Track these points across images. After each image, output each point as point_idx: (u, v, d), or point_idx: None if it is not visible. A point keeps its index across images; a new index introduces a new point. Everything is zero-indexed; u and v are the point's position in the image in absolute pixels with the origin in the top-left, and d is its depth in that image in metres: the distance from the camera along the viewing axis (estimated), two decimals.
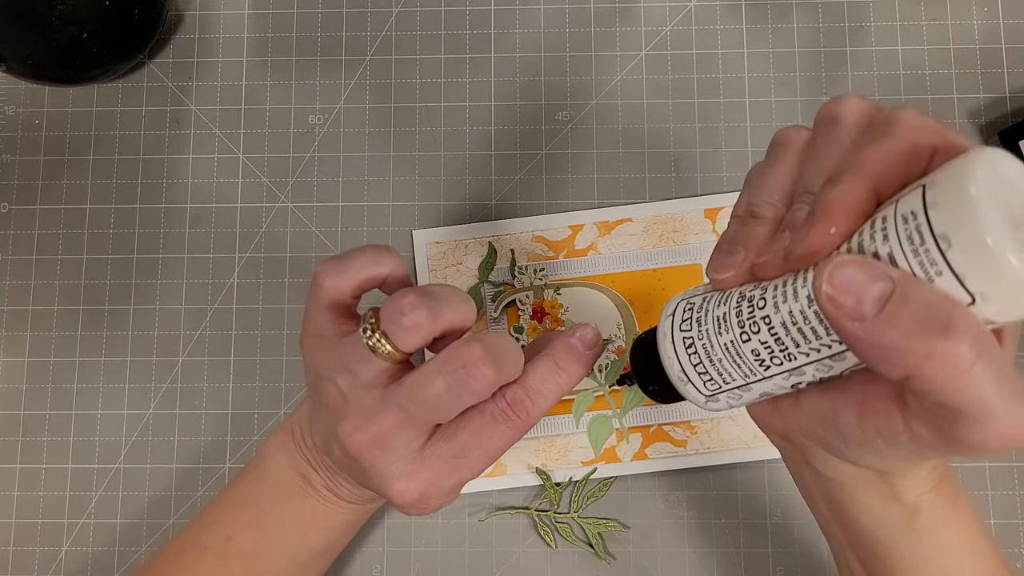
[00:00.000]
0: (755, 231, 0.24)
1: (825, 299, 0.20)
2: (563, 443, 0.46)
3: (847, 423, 0.23)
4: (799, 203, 0.24)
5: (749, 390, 0.25)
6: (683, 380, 0.26)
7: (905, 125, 0.22)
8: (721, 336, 0.25)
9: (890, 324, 0.19)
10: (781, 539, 0.45)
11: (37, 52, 0.43)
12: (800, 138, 0.25)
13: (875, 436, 0.22)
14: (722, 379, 0.25)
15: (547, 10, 0.49)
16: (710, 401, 0.27)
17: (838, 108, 0.24)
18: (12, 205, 0.49)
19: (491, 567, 0.45)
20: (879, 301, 0.19)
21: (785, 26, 0.49)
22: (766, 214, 0.25)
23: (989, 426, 0.19)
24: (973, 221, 0.18)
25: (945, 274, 0.19)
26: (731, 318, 0.24)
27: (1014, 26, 0.48)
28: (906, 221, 0.20)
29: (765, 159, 0.26)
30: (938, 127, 0.21)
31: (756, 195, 0.25)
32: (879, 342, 0.19)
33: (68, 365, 0.47)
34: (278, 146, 0.49)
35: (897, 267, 0.20)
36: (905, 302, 0.19)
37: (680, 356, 0.26)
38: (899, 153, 0.21)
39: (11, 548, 0.46)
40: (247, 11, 0.50)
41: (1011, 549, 0.44)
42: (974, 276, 0.19)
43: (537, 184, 0.48)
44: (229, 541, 0.35)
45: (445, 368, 0.29)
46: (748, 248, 0.24)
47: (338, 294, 0.32)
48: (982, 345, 0.18)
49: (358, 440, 0.30)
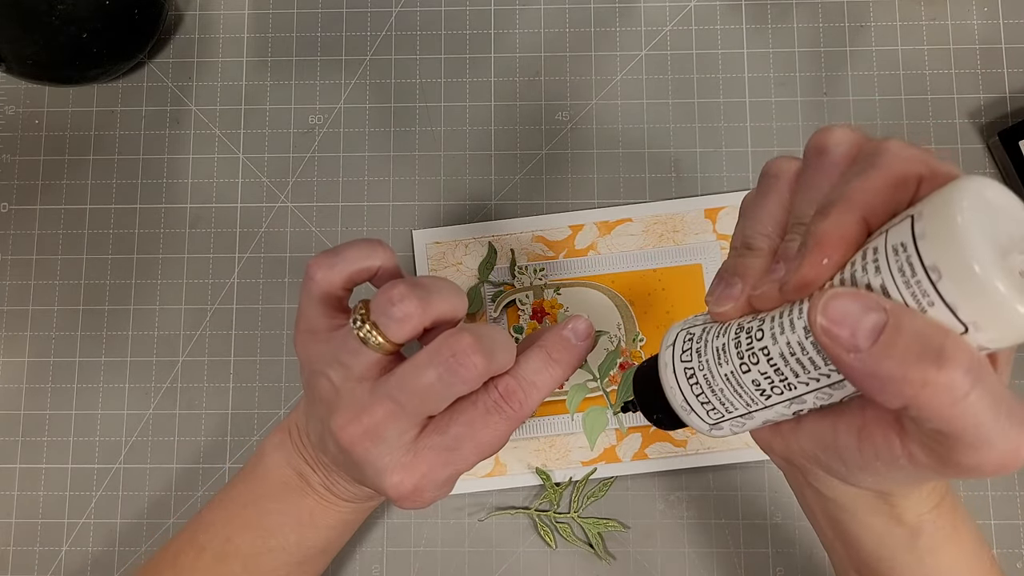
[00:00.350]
0: (751, 263, 0.25)
1: (820, 331, 0.20)
2: (563, 443, 0.45)
3: (847, 447, 0.23)
4: (792, 234, 0.24)
5: (752, 418, 0.25)
6: (686, 409, 0.27)
7: (891, 156, 0.22)
8: (721, 367, 0.25)
9: (885, 355, 0.19)
10: (781, 539, 0.45)
11: (37, 52, 0.43)
12: (790, 169, 0.26)
13: (874, 459, 0.22)
14: (724, 408, 0.26)
15: (547, 10, 0.49)
16: (713, 429, 0.27)
17: (827, 139, 0.24)
18: (12, 205, 0.49)
19: (491, 567, 0.45)
20: (873, 332, 0.19)
21: (785, 26, 0.49)
22: (761, 245, 0.25)
23: (985, 451, 0.19)
24: (961, 251, 0.18)
25: (937, 304, 0.19)
26: (730, 349, 0.24)
27: (1014, 26, 0.48)
28: (896, 253, 0.20)
29: (756, 190, 0.26)
30: (924, 156, 0.22)
31: (750, 227, 0.26)
32: (875, 372, 0.19)
33: (68, 365, 0.47)
34: (278, 146, 0.49)
35: (890, 298, 0.20)
36: (899, 333, 0.19)
37: (682, 386, 0.26)
38: (886, 184, 0.21)
39: (11, 548, 0.46)
40: (247, 11, 0.50)
41: (1011, 549, 0.44)
42: (965, 306, 0.19)
43: (537, 184, 0.48)
44: (228, 541, 0.35)
45: (435, 358, 0.29)
46: (745, 280, 0.25)
47: (329, 286, 0.32)
48: (976, 373, 0.18)
49: (351, 432, 0.30)
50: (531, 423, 0.46)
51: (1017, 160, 0.45)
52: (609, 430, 0.45)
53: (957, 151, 0.47)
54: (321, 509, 0.36)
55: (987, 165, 0.47)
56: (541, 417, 0.46)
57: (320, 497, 0.35)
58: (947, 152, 0.47)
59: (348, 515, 0.37)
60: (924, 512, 0.28)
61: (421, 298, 0.29)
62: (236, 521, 0.36)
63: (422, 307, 0.29)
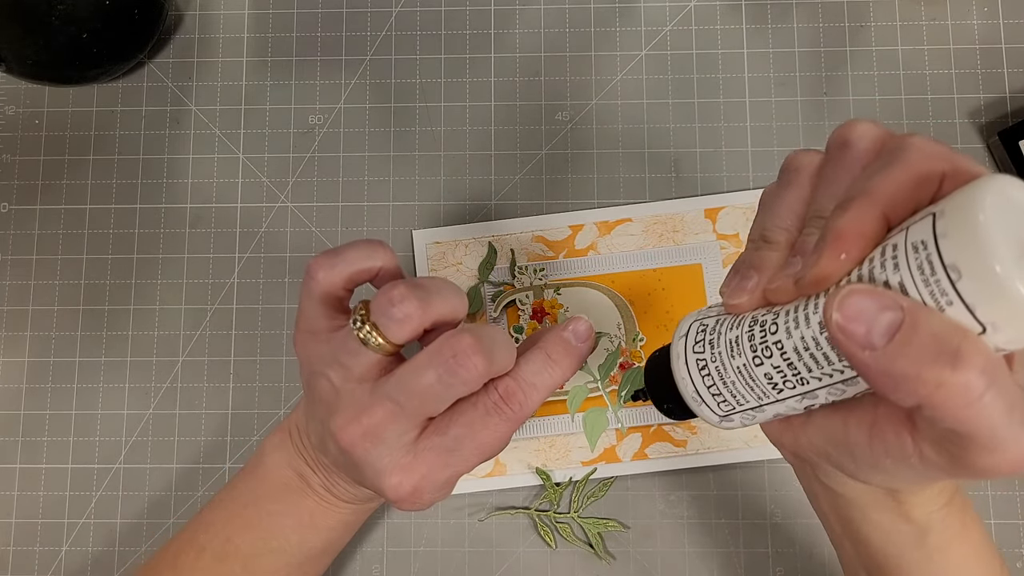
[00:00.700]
0: (768, 256, 0.25)
1: (835, 328, 0.20)
2: (563, 443, 0.45)
3: (857, 443, 0.23)
4: (810, 227, 0.24)
5: (762, 411, 0.25)
6: (697, 401, 0.27)
7: (915, 152, 0.22)
8: (734, 359, 0.25)
9: (900, 353, 0.19)
10: (781, 539, 0.45)
11: (37, 52, 0.43)
12: (812, 162, 0.25)
13: (885, 457, 0.22)
14: (736, 400, 0.25)
15: (547, 10, 0.49)
16: (724, 421, 0.27)
17: (850, 133, 0.24)
18: (12, 205, 0.49)
19: (491, 567, 0.45)
20: (889, 330, 0.19)
21: (785, 26, 0.49)
22: (779, 239, 0.25)
23: (998, 453, 0.19)
24: (982, 251, 0.18)
25: (956, 304, 0.19)
26: (743, 342, 0.24)
27: (1014, 26, 0.48)
28: (916, 250, 0.20)
29: (777, 183, 0.26)
30: (948, 153, 0.21)
31: (769, 220, 0.25)
32: (889, 371, 0.19)
33: (68, 365, 0.47)
34: (278, 146, 0.49)
35: (908, 296, 0.20)
36: (915, 331, 0.19)
37: (694, 377, 0.26)
38: (909, 180, 0.21)
39: (11, 548, 0.46)
40: (247, 11, 0.50)
41: (1011, 549, 0.44)
42: (984, 306, 0.19)
43: (537, 184, 0.48)
44: (228, 542, 0.35)
45: (435, 359, 0.29)
46: (761, 273, 0.24)
47: (330, 286, 0.32)
48: (991, 375, 0.18)
49: (350, 433, 0.30)
50: (531, 423, 0.46)
51: (1017, 160, 0.45)
52: (609, 430, 0.45)
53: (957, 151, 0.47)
54: (321, 510, 0.36)
55: (987, 165, 0.47)
56: (541, 417, 0.46)
57: (320, 498, 0.35)
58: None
59: (348, 516, 0.37)
60: (933, 510, 0.28)
61: (421, 299, 0.29)
62: (236, 521, 0.36)
63: (422, 308, 0.29)
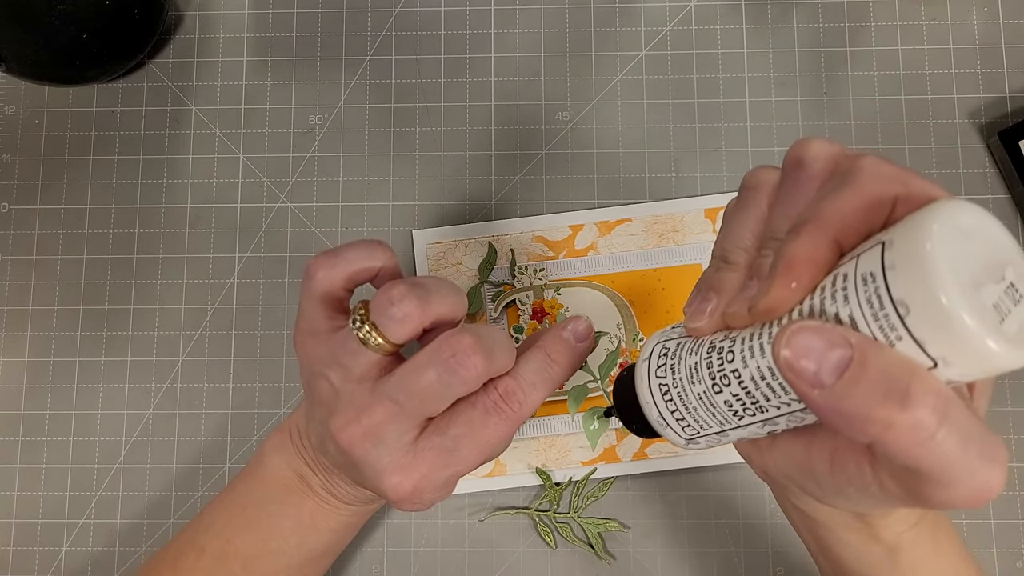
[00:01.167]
0: (727, 277, 0.24)
1: (784, 365, 0.19)
2: (563, 443, 0.46)
3: (819, 470, 0.23)
4: (766, 249, 0.24)
5: (726, 435, 0.25)
6: (662, 424, 0.27)
7: (866, 174, 0.21)
8: (695, 386, 0.25)
9: (849, 392, 0.19)
10: (781, 539, 0.45)
11: (37, 52, 0.43)
12: (770, 180, 0.25)
13: (847, 485, 0.22)
14: (699, 425, 0.25)
15: (547, 10, 0.49)
16: (690, 443, 0.27)
17: (804, 152, 0.23)
18: (12, 205, 0.49)
19: (491, 567, 0.45)
20: (838, 368, 0.19)
21: (785, 26, 0.49)
22: (737, 260, 0.25)
23: (954, 487, 0.19)
24: (929, 284, 0.18)
25: (905, 339, 0.19)
26: (703, 369, 0.24)
27: (1014, 26, 0.48)
28: (866, 283, 0.19)
29: (736, 201, 0.26)
30: (901, 175, 0.21)
31: (728, 240, 0.25)
32: (839, 410, 0.19)
33: (68, 365, 0.47)
34: (278, 146, 0.49)
35: (858, 330, 0.19)
36: (864, 370, 0.18)
37: (657, 402, 0.26)
38: (860, 204, 0.21)
39: (11, 548, 0.46)
40: (247, 11, 0.50)
41: (1011, 549, 0.44)
42: (933, 341, 0.18)
43: (537, 184, 0.48)
44: (228, 543, 0.35)
45: (435, 358, 0.29)
46: (720, 295, 0.24)
47: (330, 285, 0.31)
48: (943, 412, 0.18)
49: (350, 434, 0.30)
50: (531, 423, 0.46)
51: (1017, 160, 0.45)
52: (609, 430, 0.45)
53: (957, 151, 0.47)
54: (322, 512, 0.36)
55: (987, 165, 0.47)
56: (541, 417, 0.46)
57: (321, 499, 0.35)
58: (947, 152, 0.47)
59: (349, 518, 0.37)
60: (903, 531, 0.28)
61: (421, 298, 0.29)
62: (236, 522, 0.36)
63: (422, 307, 0.29)
